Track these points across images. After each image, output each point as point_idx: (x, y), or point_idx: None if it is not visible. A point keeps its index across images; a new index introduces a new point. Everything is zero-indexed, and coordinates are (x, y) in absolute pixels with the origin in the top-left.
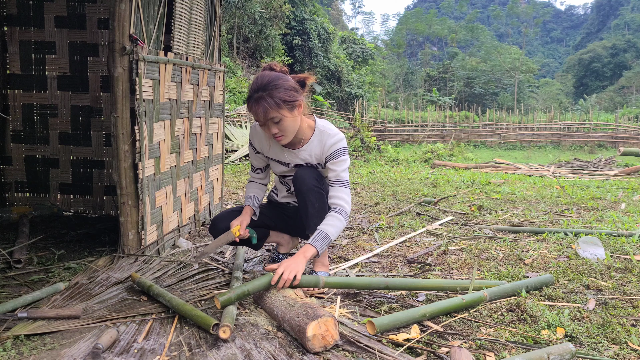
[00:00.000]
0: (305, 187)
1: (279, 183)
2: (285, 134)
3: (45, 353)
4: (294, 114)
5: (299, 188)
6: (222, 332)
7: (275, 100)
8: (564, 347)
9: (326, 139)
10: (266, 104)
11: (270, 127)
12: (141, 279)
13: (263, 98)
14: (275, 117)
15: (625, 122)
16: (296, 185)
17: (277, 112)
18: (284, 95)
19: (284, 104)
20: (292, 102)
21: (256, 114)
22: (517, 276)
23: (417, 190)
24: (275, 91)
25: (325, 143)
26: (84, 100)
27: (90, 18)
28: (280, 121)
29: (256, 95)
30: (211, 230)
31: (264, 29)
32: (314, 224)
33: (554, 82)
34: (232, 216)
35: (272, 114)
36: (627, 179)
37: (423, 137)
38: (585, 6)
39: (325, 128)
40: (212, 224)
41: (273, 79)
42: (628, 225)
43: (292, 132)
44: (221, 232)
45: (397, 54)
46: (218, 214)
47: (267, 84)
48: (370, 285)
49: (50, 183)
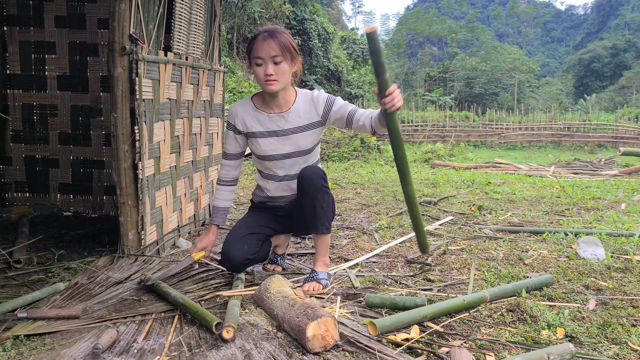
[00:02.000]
0: (313, 187)
1: (263, 178)
2: (278, 78)
3: (45, 353)
4: (291, 67)
5: (306, 189)
6: (226, 332)
7: (283, 40)
8: (564, 347)
9: (311, 96)
10: (276, 40)
11: (268, 66)
12: (152, 277)
13: (274, 36)
14: (278, 56)
15: (625, 122)
16: (303, 186)
17: (283, 52)
18: (292, 42)
19: (290, 49)
20: (294, 53)
21: (262, 49)
22: (517, 276)
23: (417, 190)
24: (285, 35)
25: (312, 99)
26: (84, 100)
27: (90, 18)
28: (280, 64)
29: (266, 34)
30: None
31: None
32: (321, 223)
33: (554, 81)
34: (243, 244)
35: (277, 52)
36: (627, 179)
37: (423, 137)
38: (586, 6)
39: (305, 90)
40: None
41: (283, 29)
42: (628, 225)
43: (284, 81)
44: (237, 264)
45: (397, 54)
46: (228, 241)
47: (279, 29)
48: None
49: (50, 183)
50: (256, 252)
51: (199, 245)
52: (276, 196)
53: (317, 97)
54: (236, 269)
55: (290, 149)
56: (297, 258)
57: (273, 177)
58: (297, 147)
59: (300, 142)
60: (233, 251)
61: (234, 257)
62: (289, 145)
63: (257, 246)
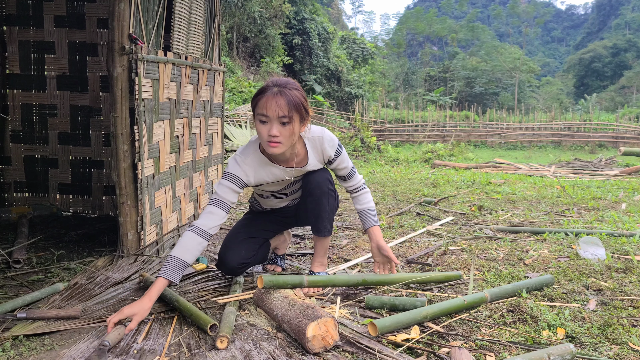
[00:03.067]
0: (319, 190)
1: (263, 198)
2: (283, 141)
3: (45, 353)
4: (300, 127)
5: (311, 191)
6: (220, 342)
7: (294, 99)
8: (564, 347)
9: (319, 144)
10: (287, 98)
11: (274, 126)
12: (150, 277)
13: (285, 93)
14: (286, 117)
15: (625, 122)
16: (308, 188)
17: (292, 112)
18: (303, 99)
19: (300, 108)
20: (305, 111)
21: (270, 107)
22: (518, 276)
23: (417, 190)
24: (297, 91)
25: (321, 148)
26: (83, 100)
27: (90, 18)
28: (287, 124)
29: (277, 89)
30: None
31: (263, 29)
32: (324, 226)
33: (555, 81)
34: (239, 248)
35: (287, 112)
36: (628, 179)
37: (423, 137)
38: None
39: (311, 134)
40: (220, 260)
41: (292, 82)
42: (629, 225)
43: (288, 144)
44: (233, 268)
45: (397, 54)
46: (225, 245)
47: (291, 83)
48: (349, 282)
49: (49, 183)
50: (253, 255)
51: (125, 311)
52: (279, 208)
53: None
54: (233, 273)
55: (297, 186)
56: (297, 258)
57: (276, 197)
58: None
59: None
60: (229, 256)
61: (230, 261)
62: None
63: (254, 250)
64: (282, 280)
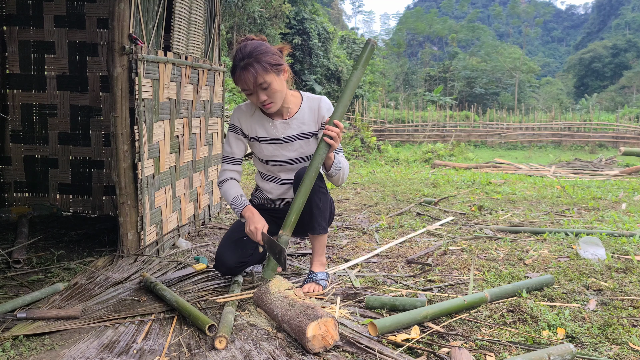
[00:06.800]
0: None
1: (264, 180)
2: (274, 100)
3: (45, 353)
4: (281, 79)
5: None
6: (218, 342)
7: (262, 65)
8: (564, 347)
9: (317, 103)
10: (254, 69)
11: (259, 94)
12: (150, 277)
13: (251, 64)
14: (264, 83)
15: (626, 122)
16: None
17: (266, 76)
18: (271, 59)
19: (272, 68)
20: (278, 66)
21: (245, 82)
22: (518, 276)
23: (417, 191)
24: (261, 56)
25: (317, 107)
26: (83, 100)
27: (90, 17)
28: (269, 87)
29: (242, 63)
30: (218, 267)
31: (263, 29)
32: (318, 223)
33: (555, 81)
34: (236, 248)
35: (261, 79)
36: (628, 179)
37: (423, 137)
38: (586, 6)
39: (312, 95)
40: (218, 259)
41: (256, 46)
42: (629, 225)
43: (280, 98)
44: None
45: (397, 54)
46: (222, 245)
47: (252, 50)
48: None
49: (49, 183)
50: (250, 254)
51: (258, 226)
52: (276, 199)
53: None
54: (231, 273)
55: (294, 155)
56: (296, 258)
57: (275, 180)
58: (301, 154)
59: (304, 148)
60: (227, 255)
61: (227, 261)
62: (293, 151)
63: (251, 249)
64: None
